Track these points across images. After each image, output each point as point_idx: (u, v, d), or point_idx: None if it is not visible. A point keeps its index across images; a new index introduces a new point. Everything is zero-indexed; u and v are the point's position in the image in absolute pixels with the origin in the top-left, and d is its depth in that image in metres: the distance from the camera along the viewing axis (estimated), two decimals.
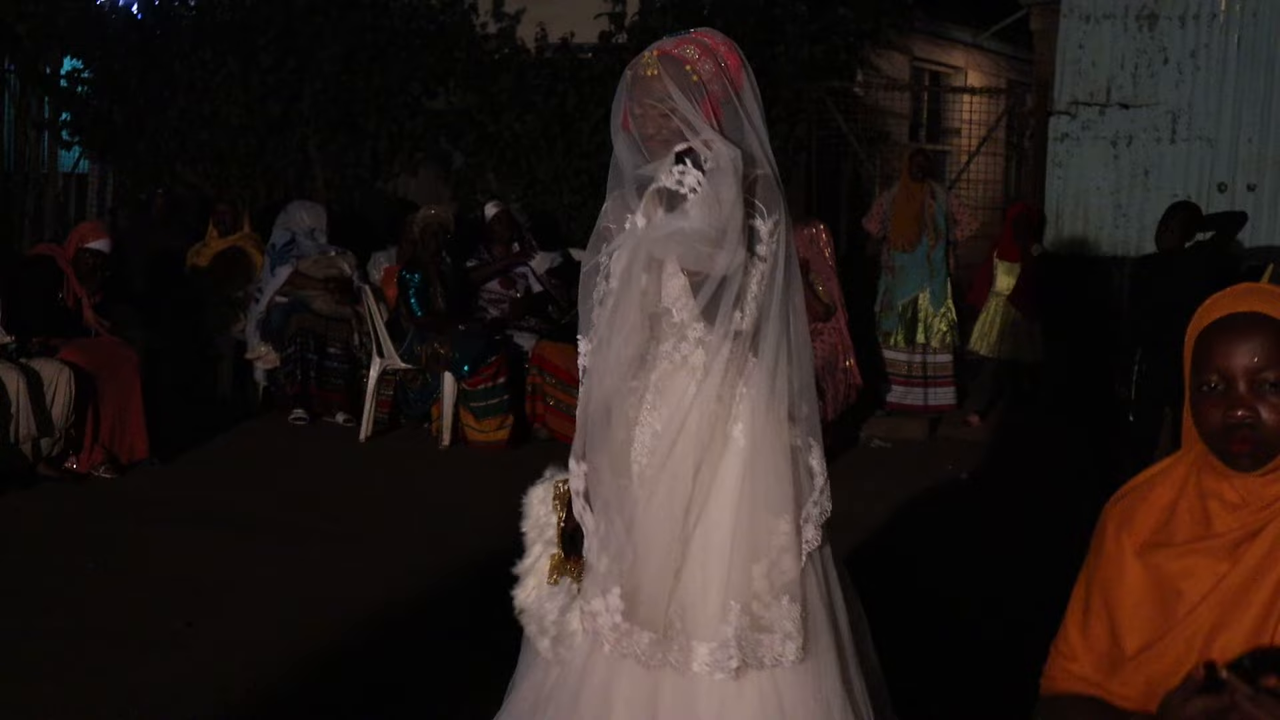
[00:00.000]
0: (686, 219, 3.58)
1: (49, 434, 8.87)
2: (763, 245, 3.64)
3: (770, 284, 3.66)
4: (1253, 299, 2.78)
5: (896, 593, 7.08)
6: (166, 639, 6.16)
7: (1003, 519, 8.86)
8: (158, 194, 13.17)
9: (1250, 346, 2.73)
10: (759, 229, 3.64)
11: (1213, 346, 2.77)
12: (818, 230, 10.52)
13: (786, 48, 13.20)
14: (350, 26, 13.99)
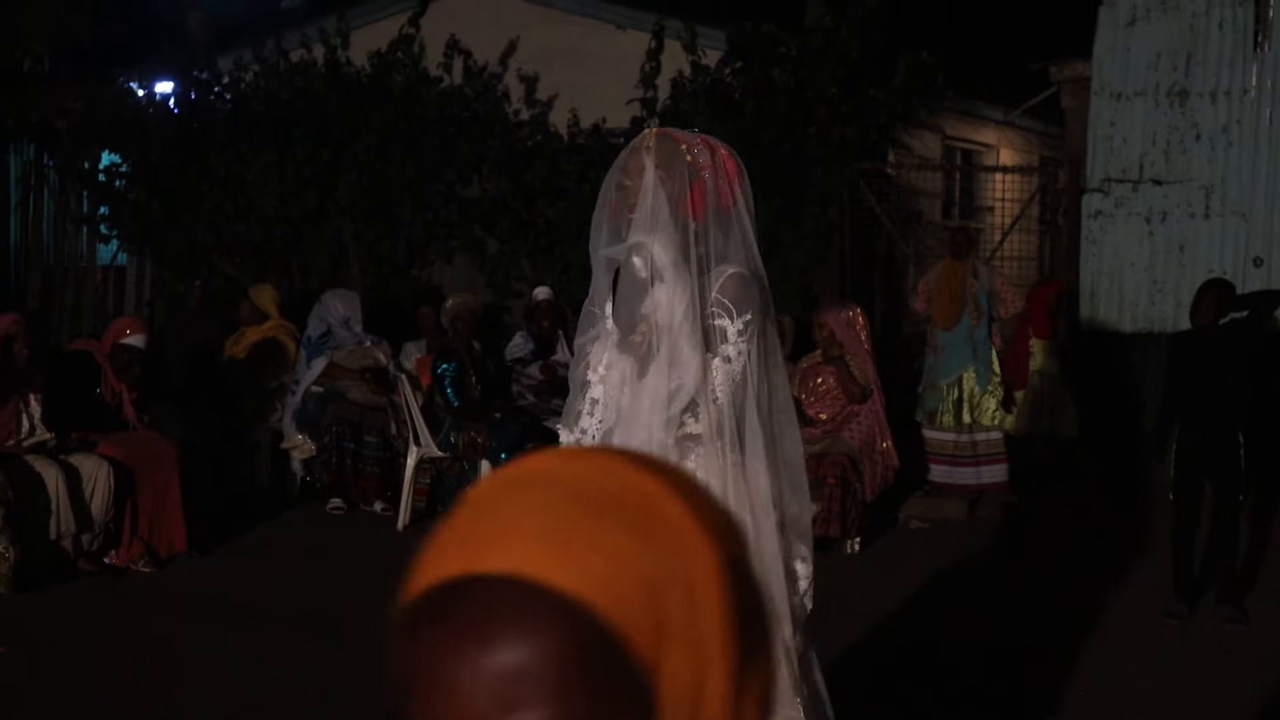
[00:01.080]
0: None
1: (88, 529, 8.90)
2: (729, 345, 3.64)
3: (743, 384, 3.65)
4: None
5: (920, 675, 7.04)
6: None
7: (1040, 602, 8.78)
8: (195, 286, 13.26)
9: None
10: (725, 329, 3.63)
11: None
12: (854, 313, 10.53)
13: (818, 130, 13.24)
14: (384, 116, 14.10)
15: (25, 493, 8.49)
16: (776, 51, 13.50)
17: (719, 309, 3.67)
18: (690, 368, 3.67)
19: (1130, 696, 6.99)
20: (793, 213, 13.34)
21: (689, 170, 3.71)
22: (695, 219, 3.71)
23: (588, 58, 14.73)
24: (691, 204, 3.71)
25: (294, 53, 15.04)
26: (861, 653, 7.69)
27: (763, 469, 3.73)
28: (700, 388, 3.68)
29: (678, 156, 3.71)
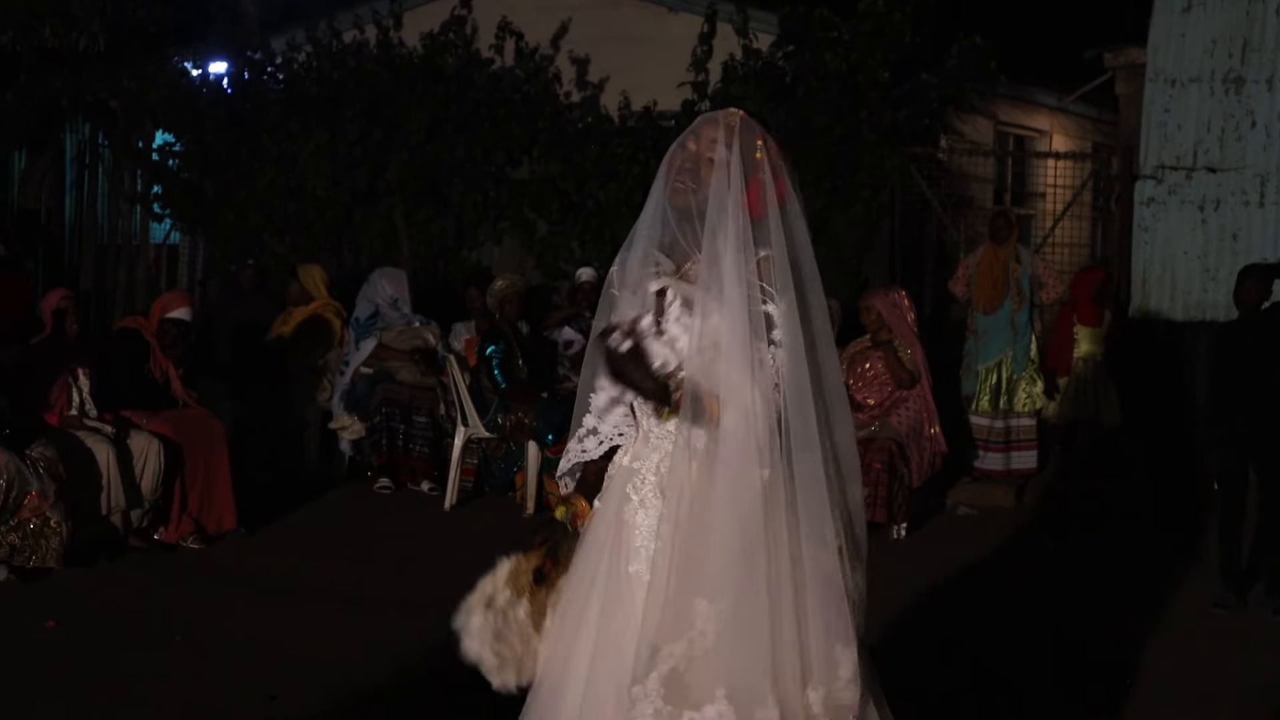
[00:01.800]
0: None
1: (138, 505, 8.96)
2: (777, 330, 3.58)
3: (795, 370, 3.58)
4: None
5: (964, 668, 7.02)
6: (252, 711, 6.18)
7: (1085, 590, 8.74)
8: (247, 265, 13.32)
9: None
10: (771, 314, 3.59)
11: None
12: (899, 296, 10.50)
13: (870, 114, 13.19)
14: (435, 98, 14.11)
15: (77, 468, 8.55)
16: (829, 35, 13.45)
17: (761, 294, 3.60)
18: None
19: (1175, 686, 6.95)
20: (843, 197, 13.30)
21: (754, 165, 3.66)
22: (755, 214, 3.67)
23: (639, 40, 14.72)
24: (750, 198, 3.66)
25: (346, 33, 15.08)
26: (901, 639, 7.67)
27: (815, 467, 3.62)
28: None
29: (751, 148, 3.67)
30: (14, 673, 6.69)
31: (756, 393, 3.55)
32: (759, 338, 3.57)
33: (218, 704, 6.28)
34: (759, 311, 3.58)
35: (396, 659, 6.92)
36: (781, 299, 3.59)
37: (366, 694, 6.40)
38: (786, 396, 3.57)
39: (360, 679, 6.64)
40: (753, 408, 3.55)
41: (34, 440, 8.40)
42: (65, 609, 7.68)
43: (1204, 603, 8.33)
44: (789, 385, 3.58)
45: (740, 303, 3.57)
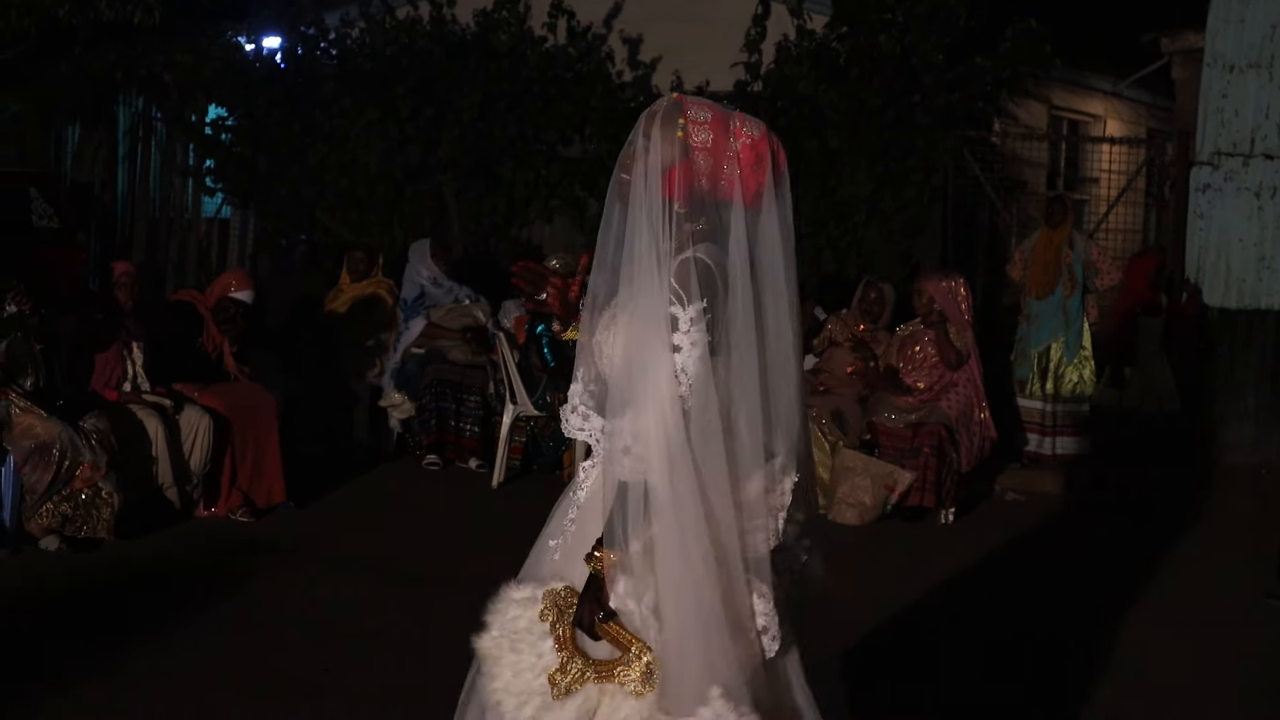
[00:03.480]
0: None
1: (189, 478, 9.01)
2: (680, 334, 3.43)
3: (702, 379, 3.43)
4: None
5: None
6: (302, 685, 6.21)
7: (1136, 579, 8.69)
8: (299, 240, 13.35)
9: None
10: (676, 316, 3.43)
11: None
12: (955, 282, 10.44)
13: (923, 97, 13.13)
14: (488, 75, 14.12)
15: (128, 440, 8.61)
16: (883, 17, 13.40)
17: (671, 295, 3.44)
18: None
19: (1225, 678, 6.92)
20: (895, 180, 13.26)
21: (680, 146, 3.53)
22: (674, 199, 3.50)
23: (692, 20, 14.69)
24: (669, 183, 3.51)
25: (400, 10, 15.09)
26: (944, 624, 7.66)
27: (718, 480, 3.46)
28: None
29: (672, 130, 3.54)
30: (68, 641, 6.74)
31: (659, 394, 3.44)
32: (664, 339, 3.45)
33: (269, 676, 6.31)
34: (670, 315, 3.43)
35: (445, 634, 6.92)
36: (691, 303, 3.44)
37: (416, 668, 6.42)
38: (687, 399, 3.41)
39: (410, 653, 6.66)
40: (646, 410, 3.45)
41: (86, 412, 8.46)
42: (116, 579, 7.73)
43: (1258, 593, 8.27)
44: (692, 386, 3.42)
45: (648, 300, 3.45)
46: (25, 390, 8.36)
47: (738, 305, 3.50)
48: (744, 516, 3.50)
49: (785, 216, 3.59)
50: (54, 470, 8.13)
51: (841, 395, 10.39)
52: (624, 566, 3.47)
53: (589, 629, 3.51)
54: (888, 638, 7.33)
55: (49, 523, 8.20)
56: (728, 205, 3.53)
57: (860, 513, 9.85)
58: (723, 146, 3.55)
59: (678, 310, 3.43)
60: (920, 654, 7.12)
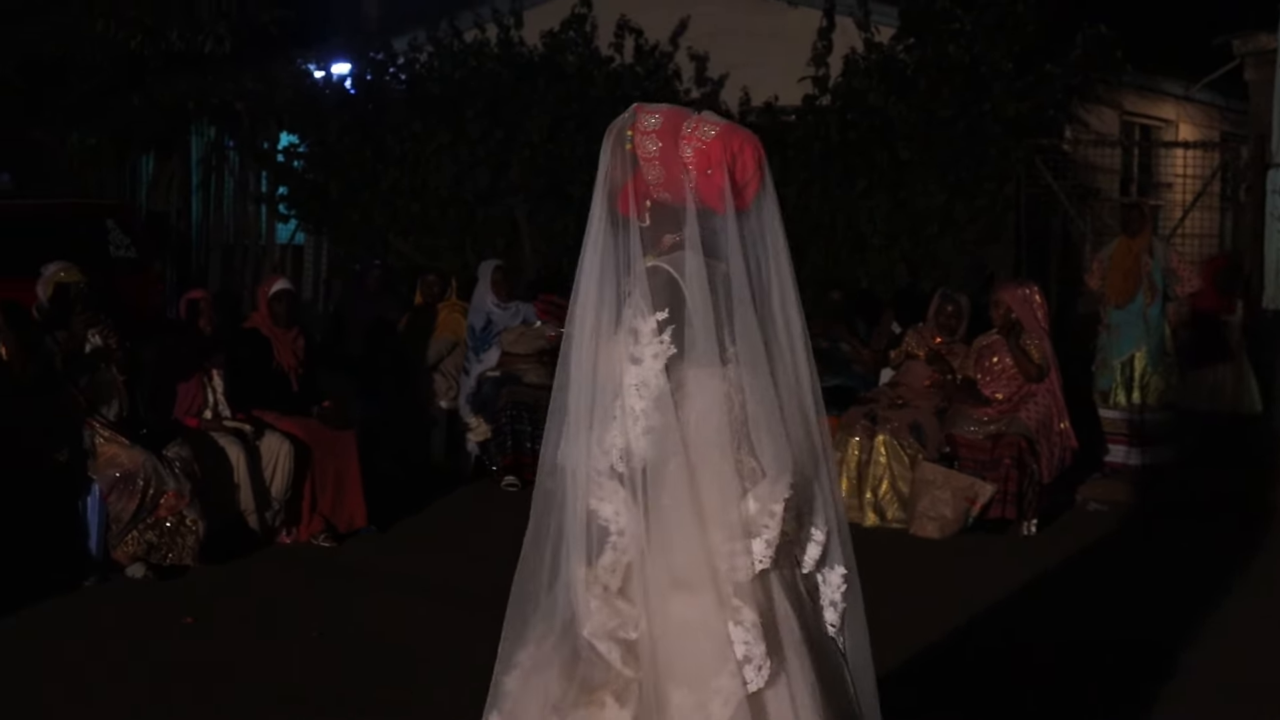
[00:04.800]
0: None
1: (270, 504, 9.07)
2: (638, 346, 3.37)
3: (663, 394, 3.37)
4: None
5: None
6: (389, 709, 6.22)
7: (1216, 591, 8.58)
8: (374, 265, 13.41)
9: None
10: (638, 328, 3.38)
11: None
12: (1030, 290, 10.38)
13: (993, 106, 13.06)
14: (556, 96, 14.16)
15: (210, 468, 8.68)
16: (950, 27, 13.35)
17: (632, 308, 3.39)
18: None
19: None
20: (967, 190, 13.19)
21: (629, 159, 3.47)
22: (631, 214, 3.45)
23: (758, 35, 14.69)
24: (624, 198, 3.46)
25: (467, 33, 15.16)
26: (1024, 635, 7.59)
27: (681, 498, 3.39)
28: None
29: (621, 142, 3.47)
30: (153, 668, 6.79)
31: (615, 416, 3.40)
32: (620, 353, 3.40)
33: (353, 700, 6.33)
34: (628, 328, 3.39)
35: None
36: (652, 313, 3.38)
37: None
38: (648, 414, 3.36)
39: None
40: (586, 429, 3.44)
41: (169, 440, 8.53)
42: (201, 606, 7.78)
43: None
44: (653, 402, 3.37)
45: (586, 315, 3.43)
46: (109, 420, 8.44)
47: (703, 314, 3.40)
48: (722, 538, 3.39)
49: (761, 221, 3.51)
50: (139, 499, 8.20)
51: (919, 408, 10.33)
52: (601, 584, 3.42)
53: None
54: (969, 651, 7.29)
55: (135, 550, 8.27)
56: (684, 211, 3.45)
57: (941, 526, 9.79)
58: (672, 153, 3.46)
59: (639, 322, 3.37)
60: (1001, 666, 7.06)
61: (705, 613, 3.37)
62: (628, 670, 3.39)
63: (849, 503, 10.15)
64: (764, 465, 3.44)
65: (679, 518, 3.38)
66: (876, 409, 10.38)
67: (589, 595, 3.42)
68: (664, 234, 3.48)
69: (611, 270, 3.43)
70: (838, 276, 13.14)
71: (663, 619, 3.38)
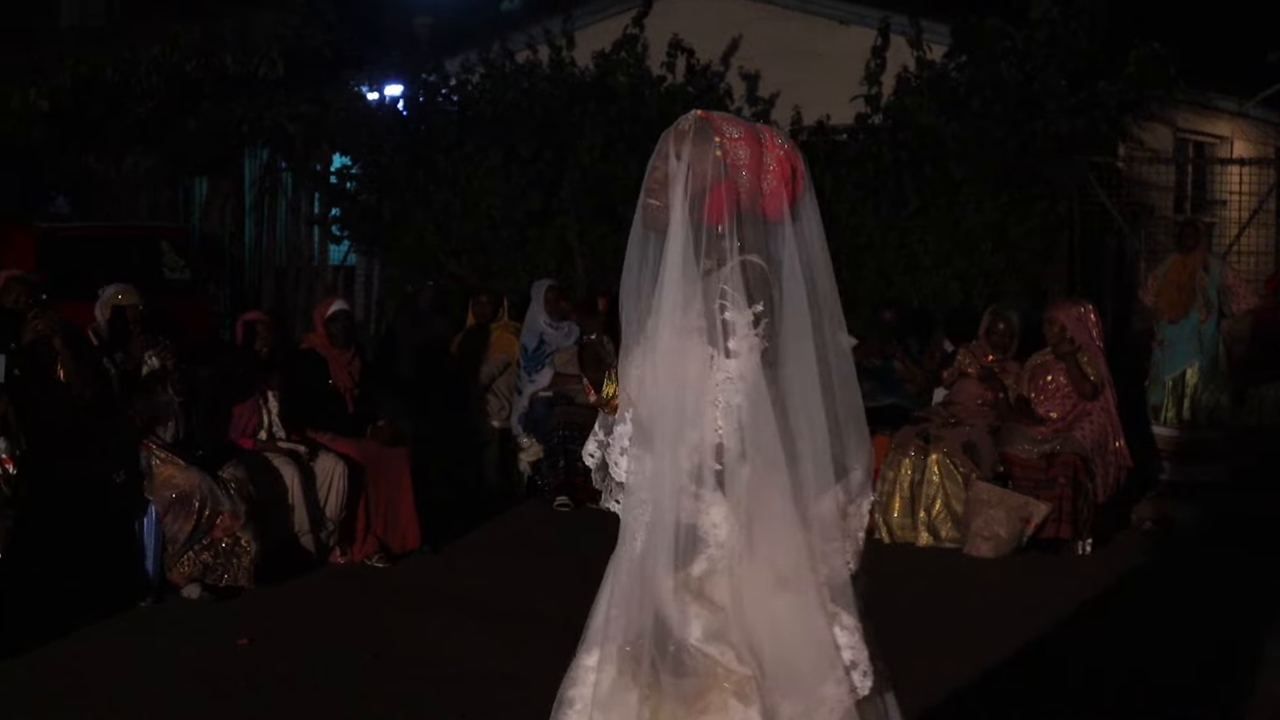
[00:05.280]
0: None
1: (324, 525, 9.10)
2: (736, 340, 3.34)
3: (760, 387, 3.33)
4: None
5: None
6: None
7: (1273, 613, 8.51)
8: (427, 286, 13.45)
9: None
10: (734, 322, 3.35)
11: None
12: (1086, 309, 10.33)
13: (1046, 124, 13.00)
14: (607, 117, 14.17)
15: (264, 489, 8.72)
16: (1003, 45, 13.31)
17: (726, 300, 3.35)
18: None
19: None
20: (1020, 208, 13.13)
21: (718, 166, 3.43)
22: (714, 220, 3.42)
23: (809, 54, 14.68)
24: (711, 205, 3.43)
25: (519, 54, 15.19)
26: (1081, 655, 7.54)
27: (781, 496, 3.34)
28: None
29: (708, 150, 3.43)
30: (209, 689, 6.82)
31: (694, 409, 3.35)
32: (713, 347, 3.35)
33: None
34: (720, 321, 3.34)
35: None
36: (748, 306, 3.36)
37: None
38: (744, 408, 3.33)
39: (549, 698, 6.64)
40: (679, 425, 3.36)
41: (225, 461, 8.58)
42: (256, 627, 7.81)
43: None
44: (749, 394, 3.33)
45: (671, 319, 3.37)
46: (165, 441, 8.50)
47: (793, 314, 3.40)
48: (817, 539, 3.38)
49: (819, 224, 3.52)
50: (195, 520, 8.24)
51: (973, 427, 10.28)
52: (690, 590, 3.36)
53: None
54: (1022, 670, 7.25)
55: (190, 571, 8.32)
56: (764, 218, 3.45)
57: (996, 545, 9.74)
58: (759, 161, 3.46)
59: (734, 315, 3.35)
60: (1055, 687, 7.02)
61: (809, 616, 3.34)
62: (745, 668, 3.33)
63: (902, 522, 10.15)
64: (850, 460, 3.44)
65: (781, 516, 3.35)
66: (930, 428, 10.34)
67: (683, 602, 3.36)
68: (740, 239, 3.45)
69: (695, 276, 3.41)
70: (890, 295, 13.11)
71: (766, 622, 3.34)
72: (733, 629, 3.35)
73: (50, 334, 8.01)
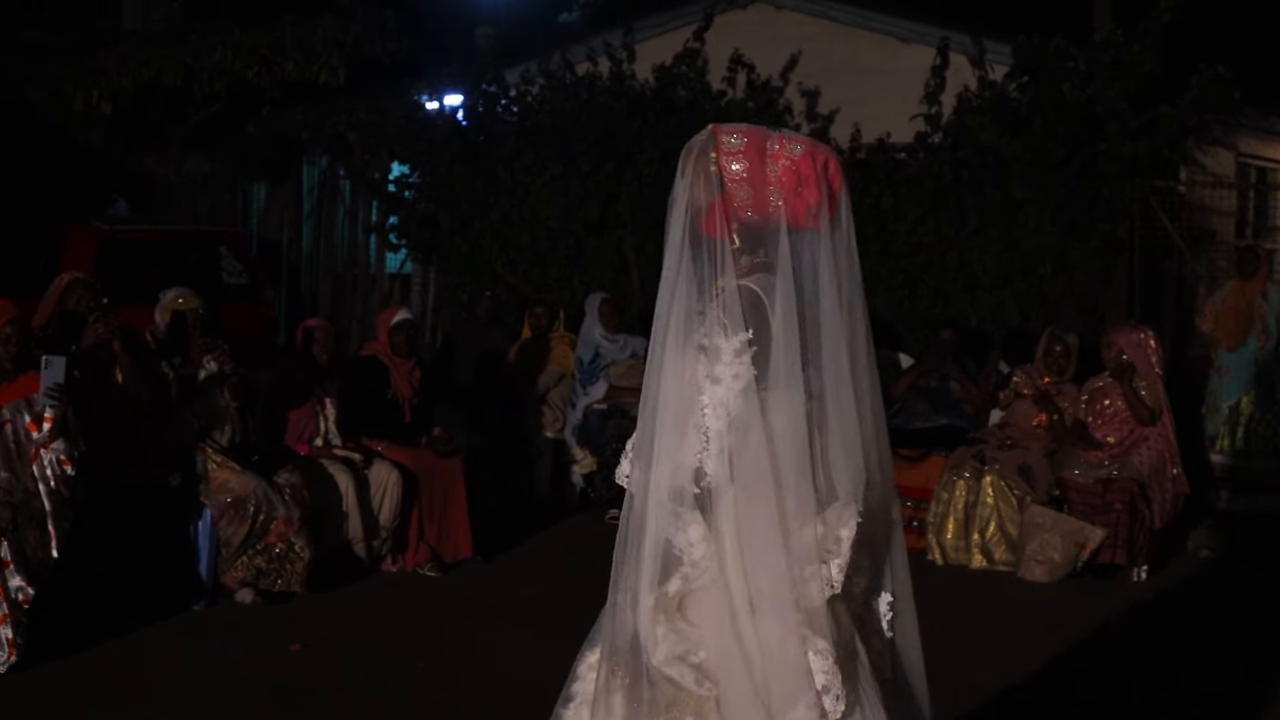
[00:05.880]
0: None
1: (378, 533, 9.11)
2: (721, 366, 3.32)
3: (744, 415, 3.31)
4: None
5: None
6: None
7: None
8: (484, 296, 13.47)
9: None
10: (720, 348, 3.33)
11: None
12: (1145, 335, 10.25)
13: (1108, 146, 12.92)
14: (667, 130, 14.16)
15: (319, 495, 8.73)
16: (1064, 66, 13.25)
17: (716, 325, 3.34)
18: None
19: None
20: (1081, 230, 13.06)
21: (714, 180, 3.39)
22: (718, 236, 3.38)
23: (869, 72, 14.65)
24: (709, 220, 3.39)
25: (579, 65, 15.19)
26: (1135, 684, 7.47)
27: (765, 521, 3.33)
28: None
29: (704, 165, 3.40)
30: (261, 693, 6.84)
31: (693, 440, 3.36)
32: (707, 369, 3.34)
33: None
34: (706, 346, 3.34)
35: None
36: (734, 333, 3.34)
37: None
38: (727, 435, 3.32)
39: None
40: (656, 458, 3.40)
41: (281, 467, 8.60)
42: (309, 633, 7.83)
43: None
44: (734, 421, 3.32)
45: (669, 337, 3.38)
46: (221, 446, 8.53)
47: (786, 336, 3.36)
48: (796, 565, 3.35)
49: (845, 237, 3.46)
50: (249, 524, 8.27)
51: (1029, 449, 10.21)
52: (664, 610, 3.37)
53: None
54: (1076, 695, 7.20)
55: (244, 576, 8.34)
56: (776, 231, 3.40)
57: (1050, 570, 9.67)
58: (760, 173, 3.42)
59: (721, 341, 3.33)
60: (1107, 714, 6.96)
61: (782, 639, 3.33)
62: (703, 690, 3.36)
63: (956, 544, 10.08)
64: (837, 488, 3.40)
65: (755, 541, 3.34)
66: (985, 449, 10.27)
67: (655, 622, 3.38)
68: (743, 255, 3.43)
69: (696, 292, 3.39)
70: (948, 315, 13.05)
71: (737, 644, 3.34)
72: (700, 649, 3.37)
73: (110, 338, 8.05)
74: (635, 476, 3.49)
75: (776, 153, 3.44)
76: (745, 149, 3.44)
